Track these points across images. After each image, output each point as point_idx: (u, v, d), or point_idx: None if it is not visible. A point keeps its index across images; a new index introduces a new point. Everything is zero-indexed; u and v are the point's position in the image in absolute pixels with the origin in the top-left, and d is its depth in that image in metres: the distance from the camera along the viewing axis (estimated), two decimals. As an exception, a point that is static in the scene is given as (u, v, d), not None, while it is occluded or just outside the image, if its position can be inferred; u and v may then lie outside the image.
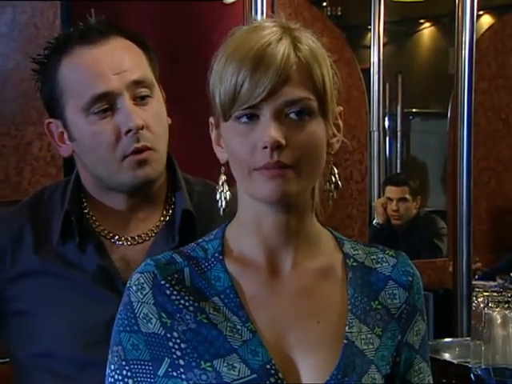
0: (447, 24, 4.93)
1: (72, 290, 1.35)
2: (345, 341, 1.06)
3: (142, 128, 1.33)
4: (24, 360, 1.39)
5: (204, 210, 1.40)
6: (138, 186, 1.36)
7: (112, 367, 1.07)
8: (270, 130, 1.00)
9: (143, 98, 1.35)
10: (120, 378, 1.06)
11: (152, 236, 1.40)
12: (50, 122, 1.41)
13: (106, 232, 1.40)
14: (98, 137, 1.34)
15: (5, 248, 1.38)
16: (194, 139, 2.24)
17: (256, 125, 1.02)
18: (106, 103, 1.33)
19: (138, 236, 1.40)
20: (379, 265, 1.14)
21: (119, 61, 1.34)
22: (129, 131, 1.33)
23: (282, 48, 1.02)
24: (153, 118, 1.36)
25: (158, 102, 1.39)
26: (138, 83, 1.34)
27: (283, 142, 1.01)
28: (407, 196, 4.11)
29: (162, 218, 1.42)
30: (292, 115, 1.02)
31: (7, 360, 1.48)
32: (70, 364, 1.33)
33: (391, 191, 4.12)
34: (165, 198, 1.43)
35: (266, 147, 1.01)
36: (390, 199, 4.09)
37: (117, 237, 1.40)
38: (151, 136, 1.35)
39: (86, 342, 1.31)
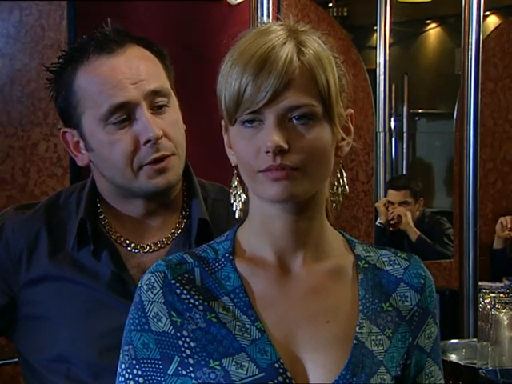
0: (453, 25, 4.91)
1: (86, 296, 1.35)
2: (354, 341, 1.07)
3: (161, 137, 1.33)
4: (38, 364, 1.39)
5: (219, 216, 1.40)
6: (159, 192, 1.36)
7: (123, 366, 1.08)
8: (272, 135, 1.01)
9: (160, 107, 1.35)
10: (131, 376, 1.07)
11: (168, 244, 1.40)
12: (65, 132, 1.41)
13: (121, 239, 1.40)
14: (116, 147, 1.33)
15: (21, 253, 1.38)
16: (202, 140, 2.24)
17: (260, 129, 1.03)
18: (123, 113, 1.32)
19: (153, 244, 1.40)
20: (391, 267, 1.14)
21: (136, 70, 1.34)
22: (147, 141, 1.32)
23: (285, 52, 1.02)
24: (171, 126, 1.35)
25: (174, 110, 1.39)
26: (155, 93, 1.34)
27: (285, 146, 1.01)
28: (408, 199, 4.10)
29: (178, 225, 1.42)
30: (295, 120, 1.03)
31: (15, 360, 1.48)
32: (85, 369, 1.33)
33: (392, 195, 4.13)
34: (181, 205, 1.43)
35: (268, 152, 1.01)
36: (392, 203, 4.09)
37: (133, 244, 1.40)
38: (170, 144, 1.35)
39: (100, 348, 1.31)
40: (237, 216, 1.10)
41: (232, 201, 1.10)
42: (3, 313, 1.40)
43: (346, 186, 1.12)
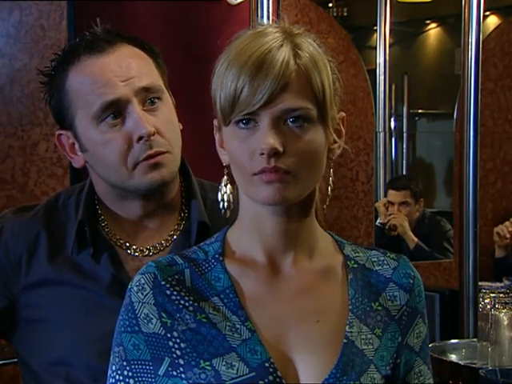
0: (453, 25, 4.91)
1: (86, 299, 1.35)
2: (344, 340, 1.07)
3: (154, 134, 1.32)
4: (38, 367, 1.39)
5: (219, 216, 1.39)
6: (154, 188, 1.35)
7: (113, 368, 1.08)
8: (267, 137, 1.02)
9: (153, 102, 1.35)
10: (121, 378, 1.07)
11: (167, 246, 1.40)
12: (60, 134, 1.40)
13: (121, 242, 1.40)
14: (110, 146, 1.33)
15: (20, 256, 1.38)
16: (202, 140, 2.24)
17: (255, 130, 1.03)
18: (115, 111, 1.32)
19: (152, 247, 1.40)
20: (380, 267, 1.15)
21: (126, 68, 1.33)
22: (140, 138, 1.32)
23: (282, 55, 1.02)
24: (164, 123, 1.35)
25: (167, 107, 1.38)
26: (146, 90, 1.34)
27: (280, 149, 1.02)
28: (409, 200, 4.09)
29: (177, 227, 1.41)
30: (290, 122, 1.03)
31: (15, 360, 1.48)
32: (85, 372, 1.33)
33: (392, 195, 4.12)
34: (179, 206, 1.43)
35: (263, 154, 1.02)
36: (392, 203, 4.09)
37: (133, 247, 1.39)
38: (163, 141, 1.34)
39: (99, 351, 1.31)
40: (227, 216, 1.11)
41: (219, 199, 1.10)
42: (3, 316, 1.39)
43: (330, 190, 1.12)
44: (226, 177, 1.10)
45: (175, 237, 1.40)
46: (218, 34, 2.80)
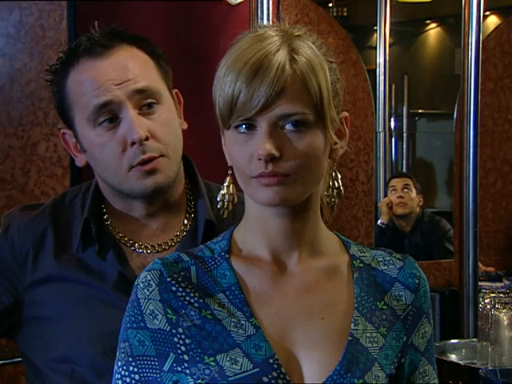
0: (453, 25, 4.92)
1: (91, 296, 1.35)
2: (349, 338, 1.08)
3: (147, 139, 1.33)
4: (42, 364, 1.39)
5: (225, 218, 1.39)
6: (149, 193, 1.36)
7: (119, 363, 1.09)
8: (264, 143, 1.02)
9: (150, 106, 1.35)
10: (127, 373, 1.08)
11: (173, 245, 1.40)
12: (64, 133, 1.42)
13: (126, 239, 1.40)
14: (105, 148, 1.34)
15: (27, 253, 1.38)
16: (202, 140, 2.24)
17: (253, 135, 1.04)
18: (108, 113, 1.33)
19: (158, 245, 1.40)
20: (386, 267, 1.15)
21: (122, 71, 1.34)
22: (133, 143, 1.32)
23: (278, 61, 1.02)
24: (160, 126, 1.35)
25: (166, 109, 1.37)
26: (142, 92, 1.34)
27: (277, 154, 1.02)
28: (410, 184, 4.11)
29: (183, 227, 1.41)
30: (288, 127, 1.04)
31: (16, 360, 1.48)
32: (89, 369, 1.33)
33: (395, 181, 4.16)
34: (185, 206, 1.43)
35: (260, 159, 1.02)
36: (395, 189, 4.10)
37: (137, 244, 1.40)
38: (158, 145, 1.34)
39: (104, 349, 1.31)
40: (224, 216, 1.11)
41: (218, 199, 1.11)
42: (8, 314, 1.39)
43: (341, 188, 1.13)
44: (229, 177, 1.11)
45: (182, 236, 1.40)
46: (218, 33, 2.81)
